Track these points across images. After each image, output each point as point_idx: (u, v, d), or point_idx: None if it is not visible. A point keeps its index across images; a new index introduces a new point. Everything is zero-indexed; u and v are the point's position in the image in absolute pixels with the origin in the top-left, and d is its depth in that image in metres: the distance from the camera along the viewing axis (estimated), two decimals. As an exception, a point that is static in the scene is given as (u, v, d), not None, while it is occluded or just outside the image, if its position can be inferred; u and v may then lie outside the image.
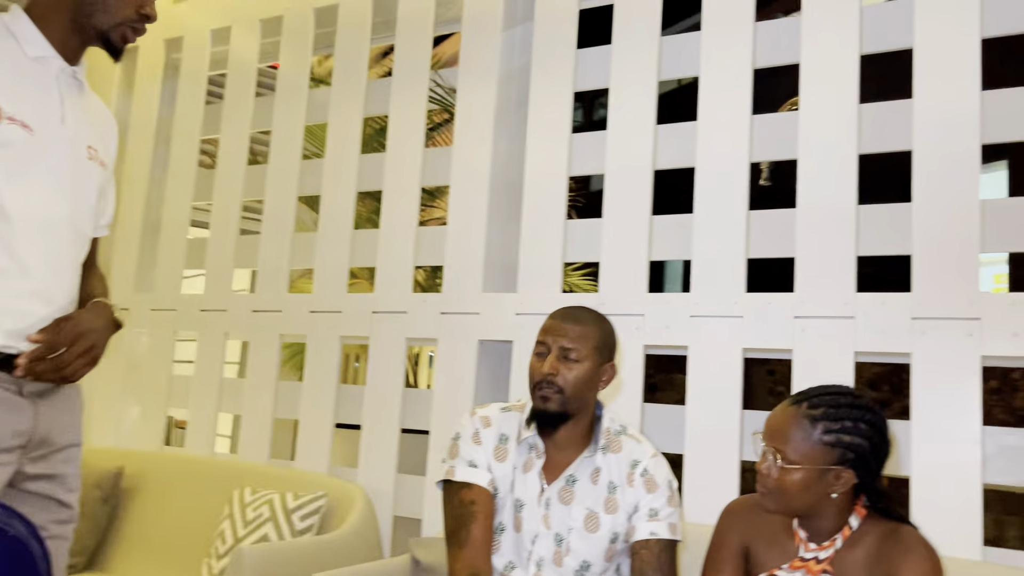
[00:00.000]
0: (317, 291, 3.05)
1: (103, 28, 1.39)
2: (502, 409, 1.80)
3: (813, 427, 1.39)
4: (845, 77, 2.31)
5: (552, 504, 1.69)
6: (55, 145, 1.36)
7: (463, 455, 1.73)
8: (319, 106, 3.27)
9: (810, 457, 1.38)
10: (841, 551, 1.43)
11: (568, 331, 1.67)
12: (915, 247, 2.14)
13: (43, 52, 1.37)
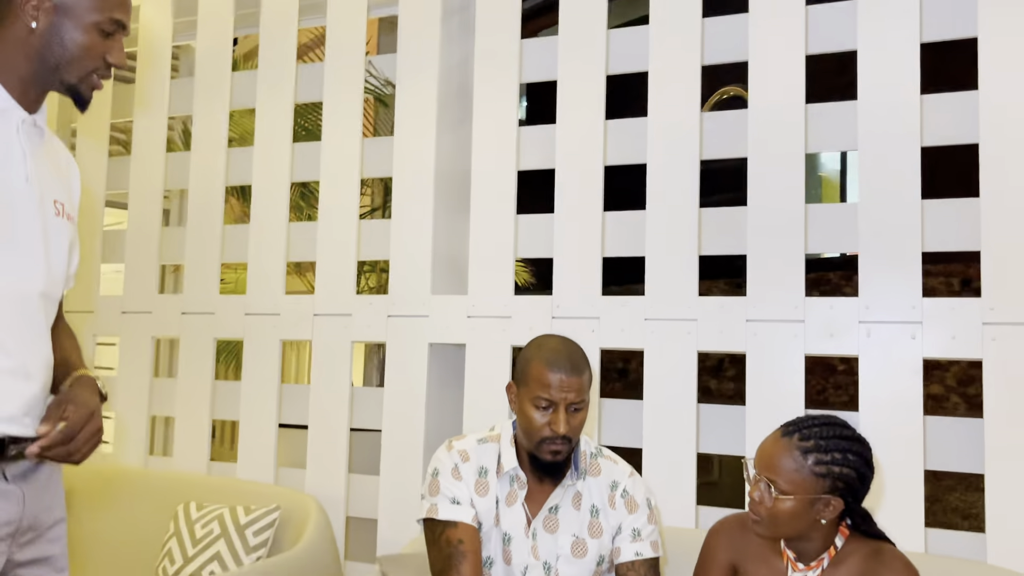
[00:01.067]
0: (252, 291, 2.91)
1: (71, 82, 1.30)
2: (479, 441, 1.78)
3: (805, 458, 1.45)
4: (793, 75, 2.33)
5: (538, 534, 1.71)
6: (22, 208, 1.26)
7: (444, 492, 1.71)
8: (244, 90, 3.08)
9: (802, 487, 1.44)
10: (827, 570, 1.51)
11: (574, 385, 1.64)
12: (862, 246, 2.22)
13: (2, 106, 1.27)
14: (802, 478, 1.44)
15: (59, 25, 1.27)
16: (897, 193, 2.21)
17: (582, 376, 1.66)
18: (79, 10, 1.28)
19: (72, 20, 1.28)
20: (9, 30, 1.28)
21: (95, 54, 1.30)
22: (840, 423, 1.51)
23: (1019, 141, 2.12)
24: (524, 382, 1.68)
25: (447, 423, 2.75)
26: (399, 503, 2.62)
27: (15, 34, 1.28)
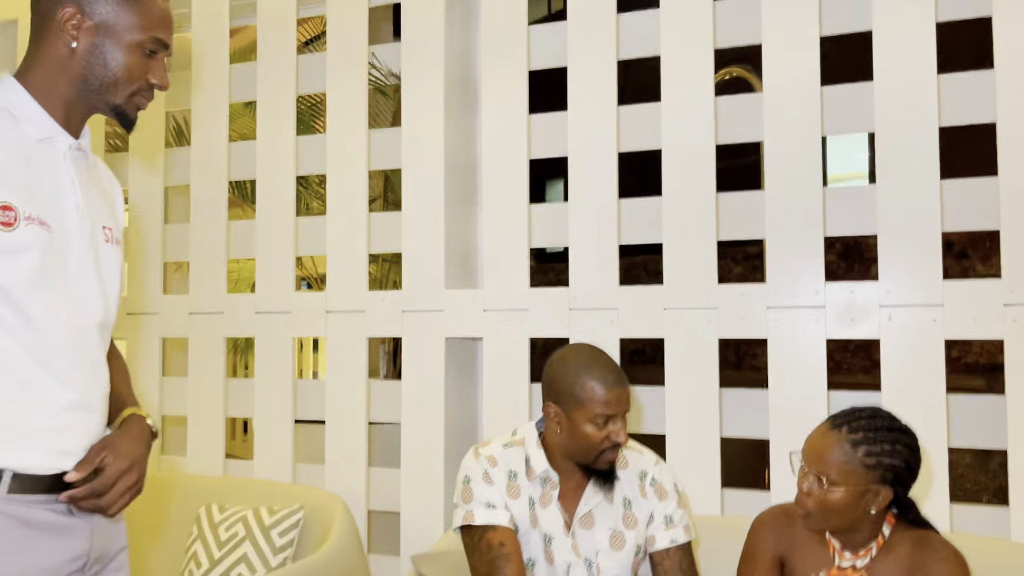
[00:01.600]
0: (261, 289, 2.88)
1: (115, 103, 1.27)
2: (504, 446, 1.81)
3: (855, 450, 1.48)
4: (808, 57, 2.31)
5: (577, 532, 1.73)
6: (75, 239, 1.24)
7: (479, 498, 1.72)
8: (243, 82, 3.01)
9: (852, 479, 1.47)
10: (876, 559, 1.54)
11: (627, 396, 1.70)
12: (880, 228, 2.22)
13: (49, 133, 1.24)
14: (852, 469, 1.47)
15: (100, 45, 1.23)
16: (916, 174, 2.20)
17: (628, 385, 1.70)
18: (120, 30, 1.24)
19: (113, 40, 1.24)
20: (49, 51, 1.24)
21: (138, 75, 1.26)
22: (887, 415, 1.53)
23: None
24: (576, 404, 1.67)
25: (465, 415, 2.75)
26: (421, 495, 2.62)
27: (55, 55, 1.24)
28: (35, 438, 1.18)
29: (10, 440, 1.16)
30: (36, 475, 1.18)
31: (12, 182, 1.17)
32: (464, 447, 2.73)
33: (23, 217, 1.16)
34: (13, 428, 1.16)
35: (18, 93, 1.23)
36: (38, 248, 1.17)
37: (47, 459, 1.19)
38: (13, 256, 1.15)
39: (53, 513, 1.20)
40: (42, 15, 1.25)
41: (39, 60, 1.25)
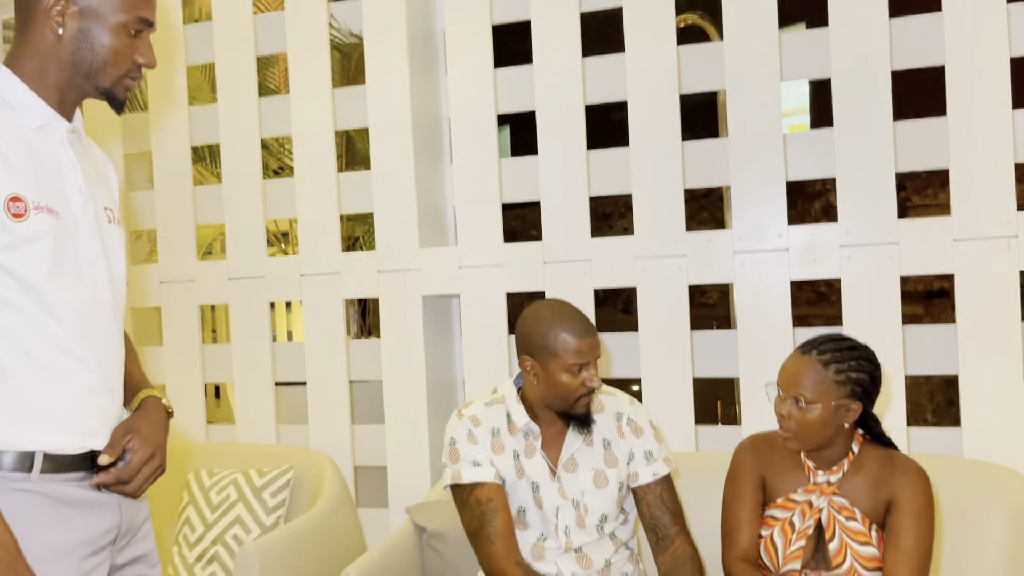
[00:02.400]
0: (232, 255, 2.87)
1: (105, 86, 1.28)
2: (485, 405, 1.89)
3: (826, 369, 1.63)
4: (765, 4, 2.36)
5: (563, 477, 1.83)
6: (81, 223, 1.26)
7: (464, 457, 1.82)
8: (200, 45, 2.95)
9: (826, 394, 1.62)
10: (847, 474, 1.69)
11: (596, 346, 1.77)
12: (839, 171, 2.32)
13: (46, 119, 1.25)
14: (826, 387, 1.62)
15: (86, 29, 1.24)
16: (870, 118, 2.30)
17: (596, 337, 1.79)
18: (105, 12, 1.24)
19: (99, 23, 1.24)
20: (37, 39, 1.24)
21: (126, 56, 1.27)
22: (847, 338, 1.70)
23: (981, 60, 2.22)
24: (552, 355, 1.74)
25: (444, 369, 2.82)
26: (407, 449, 2.69)
27: (43, 42, 1.24)
28: (62, 421, 1.22)
29: (39, 424, 1.20)
30: (66, 455, 1.22)
31: (19, 173, 1.18)
32: (445, 400, 2.82)
33: (32, 207, 1.18)
34: (40, 412, 1.20)
35: (12, 82, 1.24)
36: (49, 235, 1.19)
37: (75, 439, 1.23)
38: (26, 245, 1.17)
39: (84, 490, 1.24)
40: (27, 3, 1.24)
41: (28, 48, 1.25)
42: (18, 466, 1.18)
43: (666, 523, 1.83)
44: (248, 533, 2.44)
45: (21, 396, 1.19)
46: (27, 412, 1.19)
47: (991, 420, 2.20)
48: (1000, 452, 2.15)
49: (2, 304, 1.17)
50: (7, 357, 1.18)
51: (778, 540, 1.71)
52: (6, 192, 1.16)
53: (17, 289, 1.17)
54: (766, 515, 1.76)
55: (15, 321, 1.18)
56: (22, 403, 1.19)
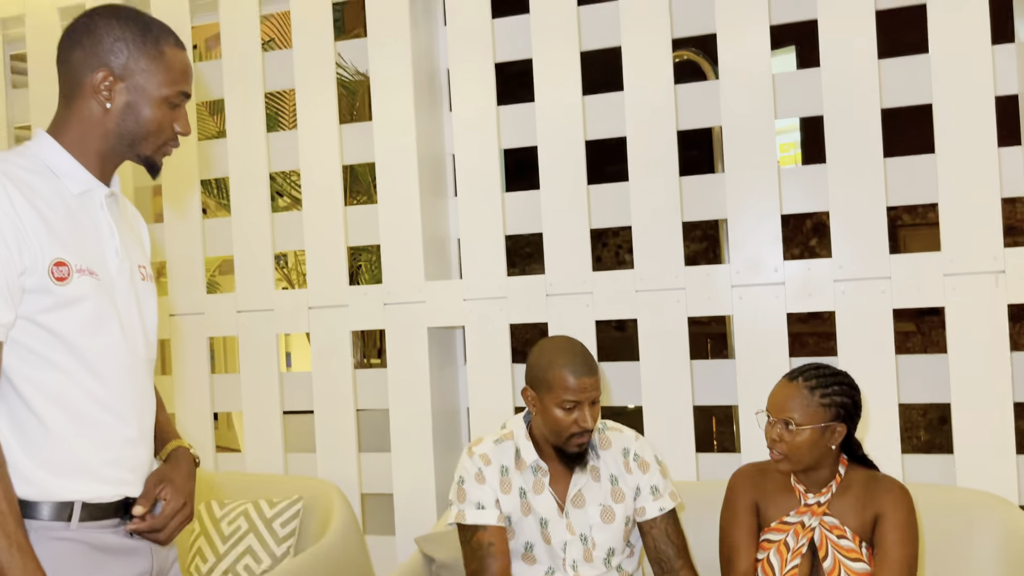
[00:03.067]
0: (241, 288, 2.93)
1: (147, 154, 1.35)
2: (495, 442, 1.94)
3: (812, 394, 1.75)
4: (759, 43, 2.44)
5: (571, 513, 1.89)
6: (118, 282, 1.33)
7: (470, 498, 1.88)
8: (209, 80, 3.02)
9: (814, 418, 1.73)
10: (835, 495, 1.80)
11: (594, 384, 1.81)
12: (832, 207, 2.40)
13: (87, 186, 1.32)
14: (813, 410, 1.73)
15: (132, 103, 1.31)
16: (863, 154, 2.38)
17: (597, 374, 1.84)
18: (150, 87, 1.32)
19: (143, 97, 1.32)
20: (84, 110, 1.31)
21: (165, 126, 1.35)
22: (828, 365, 1.82)
23: (967, 99, 2.30)
24: (547, 388, 1.81)
25: (448, 398, 2.88)
26: (413, 477, 2.75)
27: (90, 114, 1.31)
28: (99, 471, 1.28)
29: (77, 475, 1.26)
30: (103, 503, 1.28)
31: (63, 238, 1.25)
32: (450, 429, 2.88)
33: (75, 270, 1.25)
34: (78, 464, 1.26)
35: (56, 150, 1.31)
36: (91, 296, 1.26)
37: (111, 488, 1.30)
38: (69, 307, 1.24)
39: (119, 536, 1.31)
40: (73, 76, 1.31)
41: (73, 119, 1.32)
42: (57, 515, 1.24)
43: (671, 556, 1.89)
44: (259, 563, 2.49)
45: (61, 448, 1.25)
46: (66, 464, 1.25)
47: (983, 449, 2.27)
48: (992, 480, 2.22)
49: (44, 362, 1.23)
50: (48, 412, 1.24)
51: (774, 561, 1.80)
52: (51, 257, 1.23)
53: (58, 347, 1.24)
54: (762, 539, 1.84)
55: (56, 377, 1.24)
56: (61, 455, 1.25)
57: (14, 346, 1.22)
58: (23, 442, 1.22)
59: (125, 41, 1.30)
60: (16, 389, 1.22)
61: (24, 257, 1.20)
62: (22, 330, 1.22)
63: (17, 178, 1.23)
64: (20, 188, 1.22)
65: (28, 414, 1.23)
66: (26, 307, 1.21)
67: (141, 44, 1.31)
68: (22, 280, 1.20)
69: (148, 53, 1.31)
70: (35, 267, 1.21)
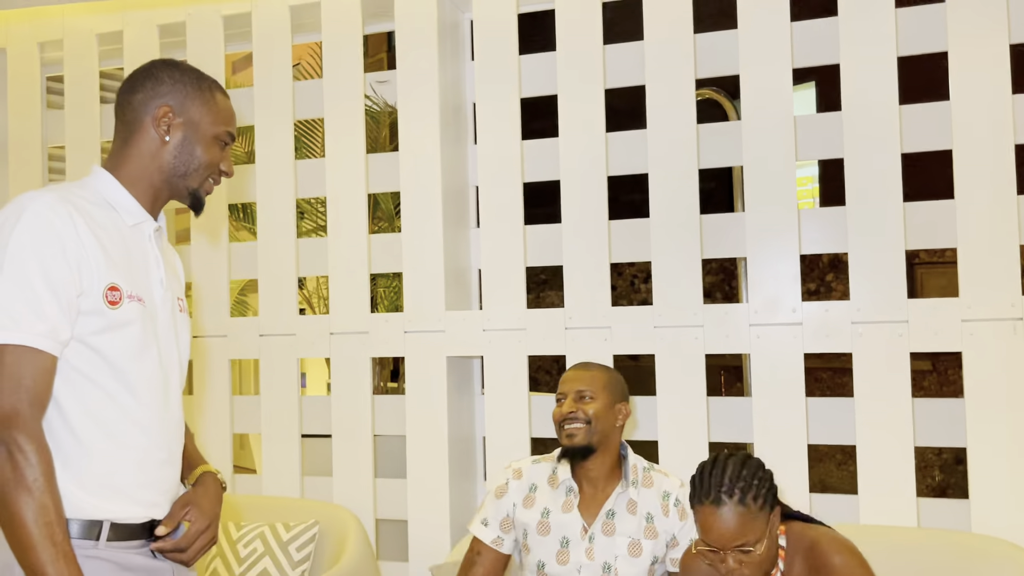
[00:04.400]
0: (265, 312, 2.98)
1: (193, 187, 1.44)
2: (534, 461, 2.05)
3: (749, 508, 1.59)
4: (782, 86, 2.49)
5: (596, 538, 1.92)
6: (161, 312, 1.41)
7: (483, 512, 2.05)
8: (240, 109, 3.09)
9: (762, 526, 1.60)
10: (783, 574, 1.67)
11: (580, 377, 1.97)
12: (851, 248, 2.42)
13: (139, 219, 1.41)
14: (760, 522, 1.60)
15: (189, 138, 1.42)
16: (882, 197, 2.41)
17: (587, 372, 1.98)
18: (204, 125, 1.43)
19: (197, 134, 1.42)
20: (142, 143, 1.41)
21: (214, 163, 1.45)
22: (727, 459, 1.65)
23: (985, 146, 2.33)
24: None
25: (465, 426, 2.91)
26: (428, 504, 2.77)
27: (147, 148, 1.41)
28: (132, 492, 1.33)
29: (110, 495, 1.31)
30: (131, 524, 1.33)
31: (117, 265, 1.33)
32: (466, 456, 2.90)
33: (126, 295, 1.32)
34: (112, 483, 1.31)
35: (112, 185, 1.40)
36: (138, 322, 1.33)
37: (140, 509, 1.34)
38: (118, 330, 1.31)
39: (144, 557, 1.35)
40: (134, 114, 1.41)
41: (131, 153, 1.41)
42: (87, 534, 1.29)
43: None
44: (274, 586, 2.52)
45: (97, 467, 1.30)
46: (101, 482, 1.30)
47: (999, 494, 2.27)
48: (1007, 526, 2.22)
49: (88, 382, 1.29)
50: (88, 430, 1.29)
51: None
52: (106, 282, 1.30)
53: (104, 368, 1.30)
54: None
55: (98, 397, 1.30)
56: (97, 474, 1.30)
57: (62, 365, 1.28)
58: (60, 457, 1.27)
59: (184, 84, 1.43)
60: (59, 406, 1.28)
61: (83, 280, 1.27)
62: (72, 350, 1.28)
63: (82, 208, 1.32)
64: (84, 217, 1.30)
65: (67, 431, 1.28)
66: (79, 328, 1.28)
67: (197, 88, 1.44)
68: (79, 302, 1.27)
69: (203, 96, 1.43)
70: (91, 290, 1.28)
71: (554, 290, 6.72)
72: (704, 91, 3.26)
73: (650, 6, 2.61)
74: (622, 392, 2.00)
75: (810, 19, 2.61)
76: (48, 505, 1.19)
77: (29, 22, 3.27)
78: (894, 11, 2.42)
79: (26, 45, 3.30)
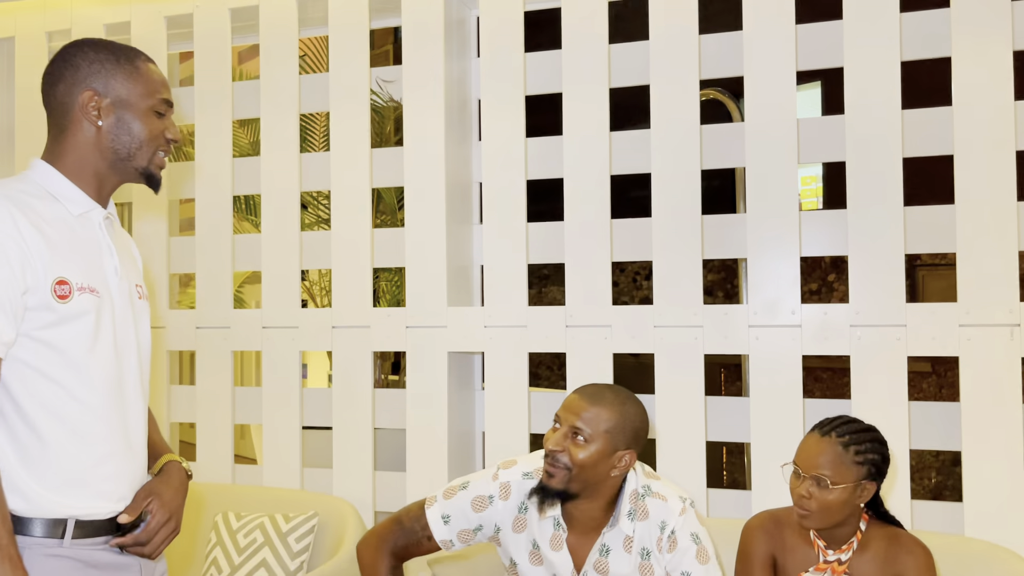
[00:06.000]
0: (268, 305, 3.00)
1: (143, 166, 1.40)
2: (524, 475, 1.82)
3: (846, 451, 1.70)
4: (785, 89, 2.50)
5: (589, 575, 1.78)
6: (117, 301, 1.38)
7: (448, 506, 1.80)
8: (245, 101, 3.11)
9: (848, 476, 1.70)
10: (855, 553, 1.76)
11: (581, 409, 1.67)
12: (851, 250, 2.44)
13: (86, 208, 1.38)
14: (847, 468, 1.69)
15: (122, 117, 1.38)
16: (883, 201, 2.42)
17: (594, 407, 1.67)
18: (134, 99, 1.38)
19: (131, 111, 1.38)
20: (77, 134, 1.37)
21: (156, 134, 1.40)
22: (857, 419, 1.78)
23: (987, 152, 2.34)
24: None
25: (465, 421, 2.93)
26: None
27: (84, 137, 1.37)
28: (95, 485, 1.32)
29: (71, 489, 1.29)
30: (95, 520, 1.32)
31: (65, 257, 1.30)
32: (465, 451, 2.92)
33: (76, 288, 1.30)
34: (75, 479, 1.30)
35: (53, 176, 1.36)
36: (91, 313, 1.31)
37: (105, 504, 1.33)
38: (69, 323, 1.29)
39: (110, 553, 1.34)
40: (60, 104, 1.37)
41: (68, 144, 1.37)
42: (50, 532, 1.27)
43: None
44: (273, 577, 2.54)
45: (58, 463, 1.28)
46: (63, 478, 1.28)
47: (992, 499, 2.29)
48: (1001, 532, 2.24)
49: (42, 377, 1.27)
50: (46, 426, 1.27)
51: None
52: (53, 276, 1.28)
53: (57, 363, 1.28)
54: None
55: (55, 392, 1.28)
56: (59, 469, 1.28)
57: (14, 363, 1.26)
58: (22, 456, 1.25)
59: (101, 62, 1.37)
60: (16, 404, 1.26)
61: (27, 276, 1.24)
62: (22, 347, 1.26)
63: (20, 201, 1.28)
64: (23, 210, 1.27)
65: (27, 429, 1.26)
66: (27, 324, 1.26)
67: (116, 63, 1.38)
68: (24, 299, 1.25)
69: (124, 70, 1.38)
70: (37, 286, 1.25)
71: (556, 285, 6.74)
72: (708, 91, 3.26)
73: (656, 6, 2.62)
74: (629, 438, 1.70)
75: (815, 22, 2.62)
76: None
77: (38, 11, 3.28)
78: (899, 15, 2.43)
79: (34, 34, 3.31)
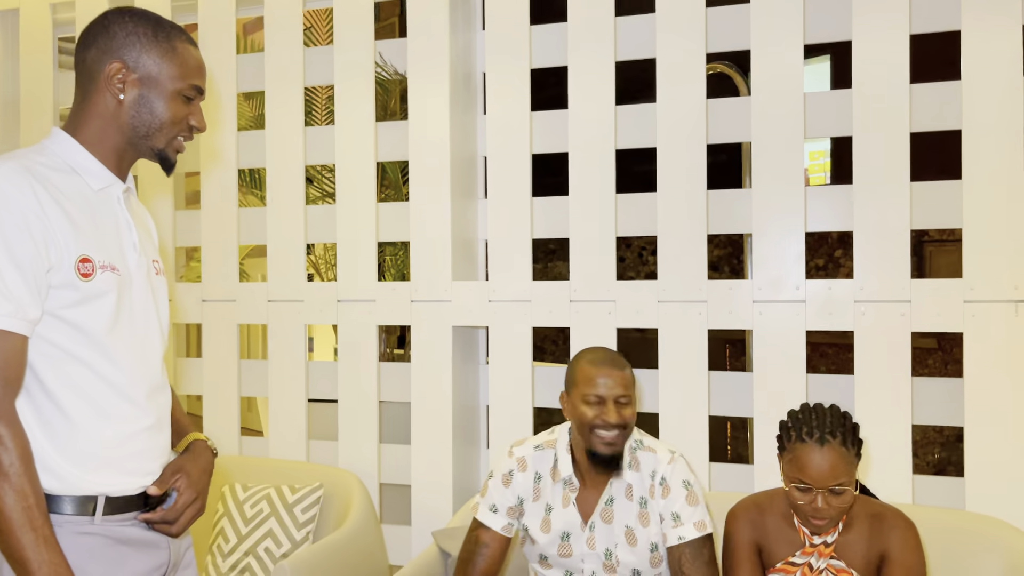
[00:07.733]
0: (273, 278, 3.01)
1: (159, 147, 1.36)
2: (535, 448, 1.98)
3: (848, 452, 1.70)
4: (792, 62, 2.48)
5: (596, 526, 1.89)
6: (136, 277, 1.36)
7: (489, 497, 1.98)
8: (250, 74, 3.10)
9: (854, 471, 1.71)
10: (841, 534, 1.76)
11: (618, 380, 1.83)
12: (857, 227, 2.43)
13: (106, 182, 1.34)
14: (852, 466, 1.70)
15: (146, 95, 1.33)
16: (890, 176, 2.40)
17: (624, 370, 1.85)
18: (163, 80, 1.33)
19: (156, 90, 1.33)
20: (99, 104, 1.33)
21: (179, 119, 1.35)
22: (832, 408, 1.76)
23: (996, 127, 2.32)
24: (573, 385, 1.86)
25: (469, 395, 2.95)
26: (432, 469, 2.82)
27: (104, 108, 1.33)
28: (123, 463, 1.31)
29: (101, 467, 1.28)
30: (125, 496, 1.31)
31: (87, 234, 1.27)
32: (469, 424, 2.95)
33: (99, 266, 1.27)
34: (103, 457, 1.29)
35: (75, 147, 1.32)
36: (113, 291, 1.29)
37: (133, 479, 1.33)
38: (93, 301, 1.26)
39: (140, 529, 1.34)
40: (89, 71, 1.33)
41: (89, 113, 1.33)
42: (81, 510, 1.26)
43: None
44: (279, 547, 2.58)
45: (86, 441, 1.27)
46: (91, 456, 1.28)
47: (994, 474, 2.30)
48: (1001, 505, 2.25)
49: (68, 356, 1.26)
50: (73, 405, 1.26)
51: None
52: (77, 254, 1.24)
53: (82, 342, 1.26)
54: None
55: (79, 371, 1.26)
56: (87, 448, 1.27)
57: (39, 341, 1.23)
58: (50, 436, 1.25)
59: (137, 35, 1.32)
60: (42, 384, 1.24)
61: (51, 254, 1.22)
62: (47, 325, 1.24)
63: (43, 176, 1.25)
64: (46, 186, 1.23)
65: (54, 408, 1.24)
66: (51, 303, 1.23)
67: (153, 39, 1.32)
68: (49, 277, 1.22)
69: (160, 47, 1.33)
70: (61, 264, 1.23)
71: (562, 260, 6.73)
72: (715, 65, 3.23)
73: (663, -22, 2.59)
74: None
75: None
76: (26, 490, 1.16)
77: (41, -17, 3.27)
78: (909, -12, 2.40)
79: (39, 6, 3.30)
